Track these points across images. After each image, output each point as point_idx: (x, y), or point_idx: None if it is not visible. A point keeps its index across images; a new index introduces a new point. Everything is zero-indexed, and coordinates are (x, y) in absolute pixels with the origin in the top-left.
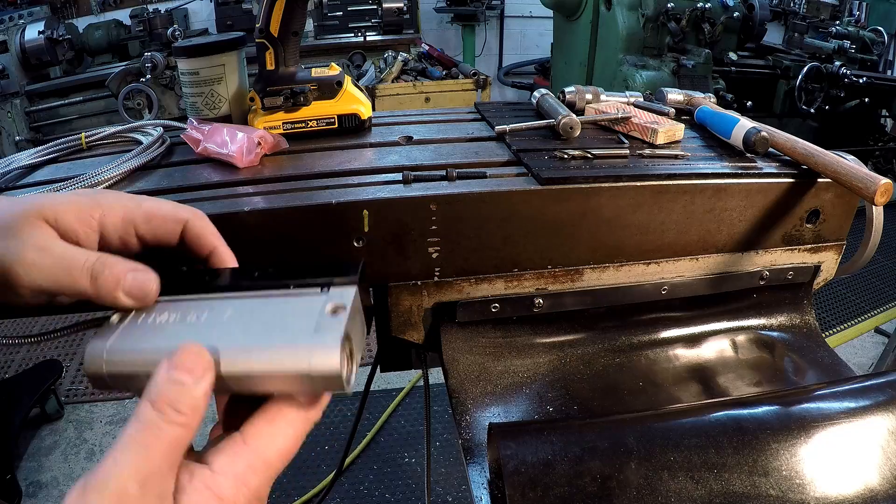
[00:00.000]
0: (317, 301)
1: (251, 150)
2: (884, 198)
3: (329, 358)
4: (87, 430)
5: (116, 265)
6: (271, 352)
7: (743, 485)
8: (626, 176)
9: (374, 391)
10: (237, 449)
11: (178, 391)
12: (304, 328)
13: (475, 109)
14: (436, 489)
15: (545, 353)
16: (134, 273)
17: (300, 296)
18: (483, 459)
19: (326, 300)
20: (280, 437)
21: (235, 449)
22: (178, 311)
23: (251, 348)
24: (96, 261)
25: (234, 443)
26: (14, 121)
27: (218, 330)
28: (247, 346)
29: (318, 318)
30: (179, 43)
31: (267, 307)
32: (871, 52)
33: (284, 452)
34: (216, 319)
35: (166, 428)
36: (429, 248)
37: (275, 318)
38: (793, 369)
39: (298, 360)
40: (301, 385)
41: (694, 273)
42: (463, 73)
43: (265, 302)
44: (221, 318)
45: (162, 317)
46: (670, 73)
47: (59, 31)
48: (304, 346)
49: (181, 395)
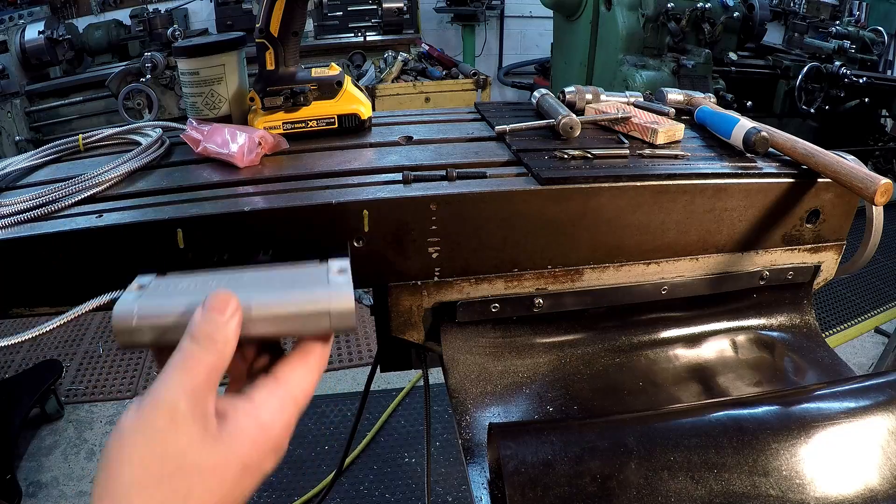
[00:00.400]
0: (321, 268)
1: (251, 150)
2: (884, 198)
3: (344, 299)
4: (87, 430)
5: None
6: (295, 297)
7: (743, 485)
8: (626, 176)
9: (374, 391)
10: (271, 386)
11: (214, 326)
12: (318, 282)
13: (475, 109)
14: (436, 489)
15: (545, 353)
16: None
17: (304, 265)
18: (483, 459)
19: (329, 266)
20: (304, 378)
21: (270, 386)
22: (198, 279)
23: (277, 296)
24: None
25: (268, 381)
26: (14, 121)
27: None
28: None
29: (328, 276)
30: (179, 43)
31: (279, 273)
32: (871, 52)
33: (308, 391)
34: (237, 282)
35: (205, 355)
36: (429, 248)
37: (289, 278)
38: (793, 369)
39: (319, 302)
40: (320, 324)
41: (694, 273)
42: (463, 73)
43: (275, 271)
44: (241, 281)
45: (183, 283)
46: (670, 73)
47: (59, 31)
48: (322, 292)
49: (216, 329)
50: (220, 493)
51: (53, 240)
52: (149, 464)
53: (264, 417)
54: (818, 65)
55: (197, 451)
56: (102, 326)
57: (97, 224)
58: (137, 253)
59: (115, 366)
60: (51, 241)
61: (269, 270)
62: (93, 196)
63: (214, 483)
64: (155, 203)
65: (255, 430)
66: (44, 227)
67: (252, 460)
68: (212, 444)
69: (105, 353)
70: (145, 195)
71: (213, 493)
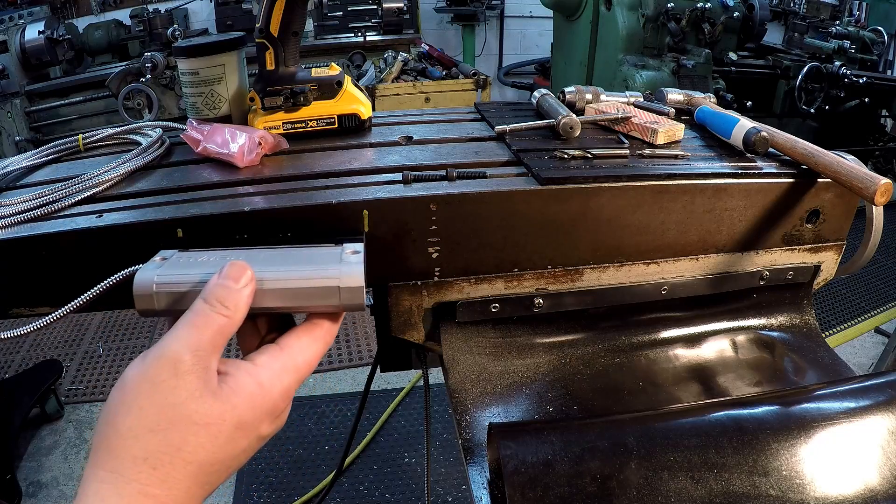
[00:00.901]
0: (335, 250)
1: (252, 150)
2: (884, 198)
3: (355, 276)
4: (87, 430)
5: None
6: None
7: (743, 485)
8: (626, 176)
9: (374, 391)
10: (274, 352)
11: (226, 291)
12: (331, 261)
13: (475, 109)
14: (436, 489)
15: (545, 353)
16: None
17: (320, 247)
18: (483, 459)
19: (343, 248)
20: (308, 348)
21: (273, 352)
22: (217, 254)
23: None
24: None
25: (272, 348)
26: (14, 121)
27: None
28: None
29: (341, 256)
30: (179, 43)
31: (295, 252)
32: (871, 52)
33: (311, 361)
34: (254, 257)
35: (214, 316)
36: (429, 248)
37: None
38: (793, 369)
39: (330, 278)
40: (329, 299)
41: (694, 273)
42: (463, 73)
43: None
44: (258, 257)
45: (203, 257)
46: (670, 73)
47: (59, 31)
48: (334, 269)
49: (228, 295)
50: (213, 447)
51: (53, 240)
52: (147, 413)
53: (263, 378)
54: (818, 65)
55: (194, 405)
56: (102, 326)
57: (97, 224)
58: (138, 253)
59: (115, 366)
60: (51, 241)
61: (285, 249)
62: (93, 196)
63: (207, 437)
64: (155, 203)
65: (254, 388)
66: (44, 227)
67: (247, 419)
68: (210, 400)
69: (105, 353)
70: (145, 195)
71: (205, 447)
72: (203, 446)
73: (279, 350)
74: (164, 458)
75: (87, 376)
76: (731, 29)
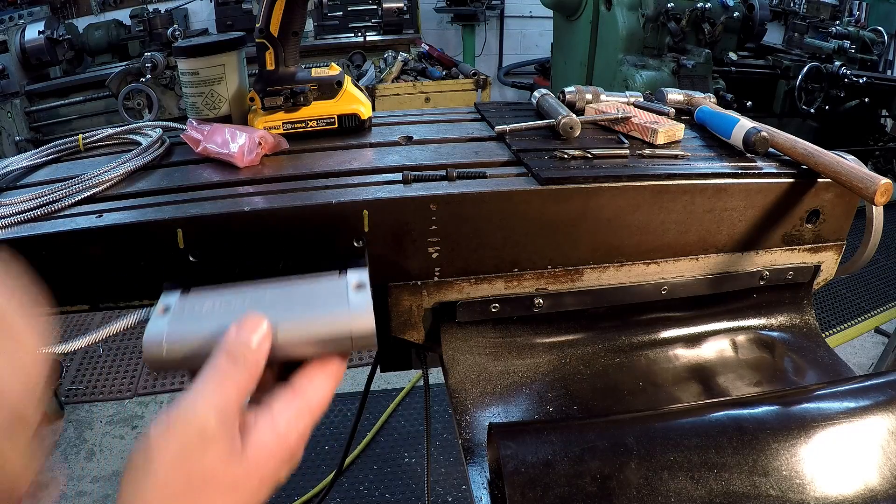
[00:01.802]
0: (340, 281)
1: (252, 150)
2: (884, 198)
3: (366, 322)
4: (87, 430)
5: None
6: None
7: (743, 485)
8: (626, 176)
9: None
10: (289, 397)
11: (246, 347)
12: (338, 302)
13: (475, 109)
14: (436, 489)
15: (545, 353)
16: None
17: (323, 278)
18: (483, 459)
19: (348, 280)
20: (321, 389)
21: (288, 397)
22: (220, 298)
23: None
24: None
25: (287, 392)
26: (14, 121)
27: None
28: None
29: (348, 294)
30: (179, 43)
31: (299, 288)
32: (871, 52)
33: (323, 401)
34: (259, 301)
35: (237, 374)
36: (429, 248)
37: (310, 296)
38: (793, 369)
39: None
40: (342, 346)
41: (694, 273)
42: (463, 73)
43: (295, 285)
44: (263, 300)
45: (207, 304)
46: (670, 73)
47: (59, 31)
48: (344, 315)
49: (248, 352)
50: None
51: (53, 240)
52: (174, 478)
53: (281, 427)
54: (818, 65)
55: (222, 468)
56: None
57: (97, 224)
58: (137, 253)
59: (115, 366)
60: (51, 241)
61: (289, 287)
62: (93, 196)
63: (235, 498)
64: (155, 203)
65: (274, 441)
66: (44, 227)
67: (269, 472)
68: (237, 462)
69: (105, 353)
70: (145, 195)
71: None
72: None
73: (293, 394)
74: None
75: (87, 376)
76: (731, 29)
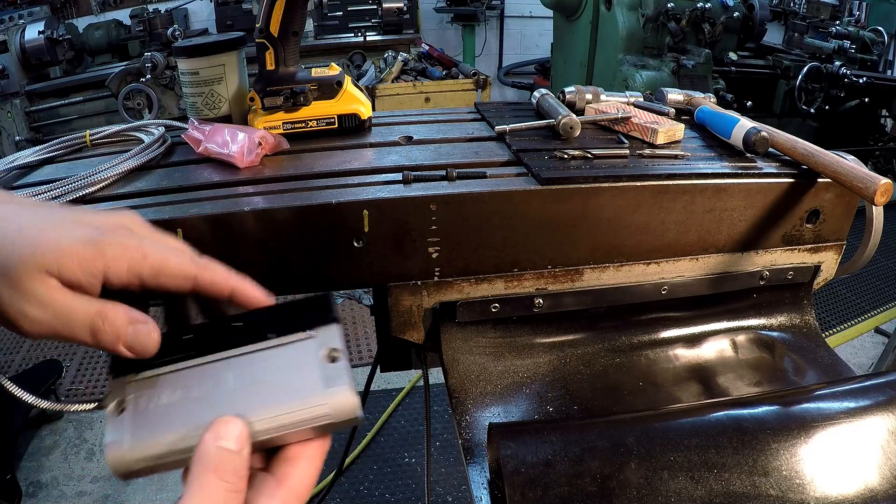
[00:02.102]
0: (310, 348)
1: (252, 151)
2: (884, 198)
3: (347, 402)
4: (87, 430)
5: (116, 319)
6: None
7: (743, 485)
8: (626, 176)
9: (374, 391)
10: (273, 491)
11: (229, 458)
12: (313, 380)
13: (475, 109)
14: (436, 489)
15: (545, 353)
16: (134, 327)
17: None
18: (483, 459)
19: (319, 346)
20: (305, 473)
21: (272, 491)
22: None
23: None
24: (95, 315)
25: (269, 484)
26: (14, 121)
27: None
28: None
29: (321, 369)
30: (179, 43)
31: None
32: (871, 52)
33: (310, 485)
34: (223, 388)
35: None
36: (429, 248)
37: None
38: (793, 369)
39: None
40: (324, 430)
41: (694, 273)
42: (463, 73)
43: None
44: (228, 387)
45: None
46: (670, 73)
47: (59, 31)
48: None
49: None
50: None
51: None
52: None
53: None
54: (818, 65)
55: None
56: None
57: None
58: None
59: None
60: None
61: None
62: (92, 195)
63: None
64: (155, 203)
65: None
66: None
67: None
68: None
69: (105, 354)
70: (145, 195)
71: None
72: None
73: (277, 486)
74: None
75: (87, 376)
76: (731, 29)
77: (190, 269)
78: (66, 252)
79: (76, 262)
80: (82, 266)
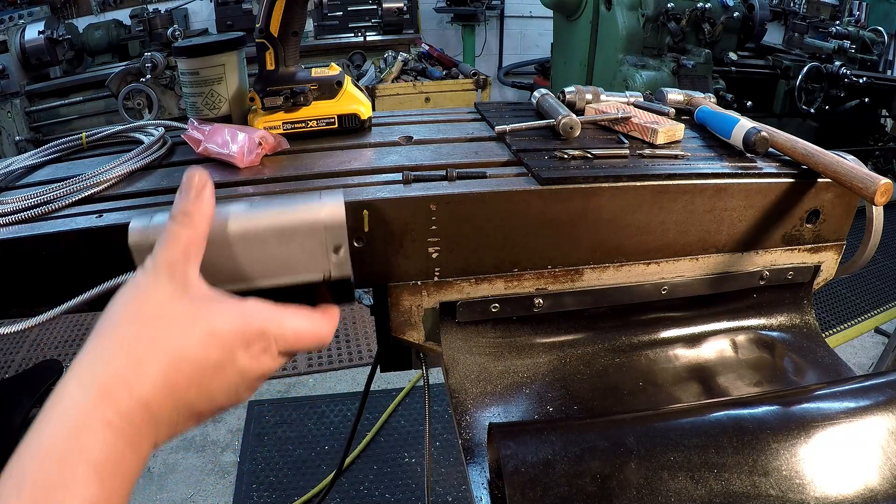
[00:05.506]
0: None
1: (252, 151)
2: (884, 198)
3: (336, 208)
4: None
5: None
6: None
7: (743, 485)
8: (626, 176)
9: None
10: (265, 303)
11: (185, 200)
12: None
13: (475, 109)
14: (436, 489)
15: (545, 353)
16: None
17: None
18: (483, 459)
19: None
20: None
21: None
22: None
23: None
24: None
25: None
26: (14, 121)
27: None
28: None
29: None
30: (179, 43)
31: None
32: (871, 52)
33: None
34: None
35: (181, 230)
36: (429, 248)
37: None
38: (793, 369)
39: (310, 212)
40: (310, 239)
41: (694, 273)
42: (463, 73)
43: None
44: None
45: None
46: (670, 73)
47: (59, 31)
48: (314, 202)
49: (189, 204)
50: (182, 344)
51: (53, 240)
52: (129, 308)
53: (248, 307)
54: (818, 65)
55: (172, 304)
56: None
57: (97, 224)
58: None
59: None
60: (51, 241)
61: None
62: (93, 196)
63: (177, 332)
64: (155, 203)
65: (233, 308)
66: (44, 226)
67: (221, 329)
68: (187, 301)
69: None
70: (146, 195)
71: (174, 342)
72: (171, 338)
73: (271, 305)
74: (138, 346)
75: None
76: (731, 29)
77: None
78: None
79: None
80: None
